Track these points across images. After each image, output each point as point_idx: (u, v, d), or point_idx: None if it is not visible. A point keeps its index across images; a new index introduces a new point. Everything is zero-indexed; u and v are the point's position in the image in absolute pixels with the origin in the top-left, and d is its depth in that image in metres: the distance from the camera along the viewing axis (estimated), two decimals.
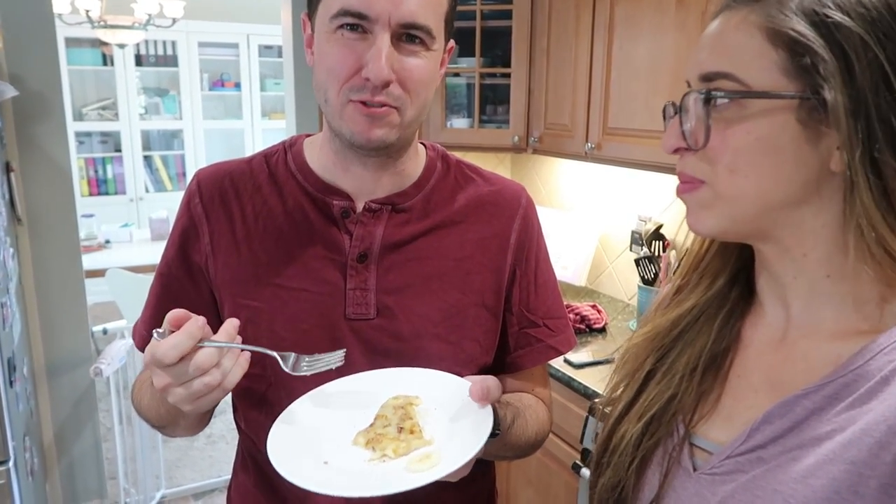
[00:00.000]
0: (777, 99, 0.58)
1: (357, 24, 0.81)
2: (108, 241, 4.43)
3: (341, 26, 0.82)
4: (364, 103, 0.83)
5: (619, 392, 0.78)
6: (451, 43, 0.92)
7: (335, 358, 0.83)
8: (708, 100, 0.60)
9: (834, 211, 0.61)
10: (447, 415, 0.80)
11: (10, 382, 2.08)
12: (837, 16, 0.56)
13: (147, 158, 5.75)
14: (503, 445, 0.88)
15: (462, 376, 0.85)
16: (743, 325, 0.73)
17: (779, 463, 0.61)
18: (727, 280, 0.74)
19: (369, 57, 0.81)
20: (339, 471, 0.73)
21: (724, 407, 0.70)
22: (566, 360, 1.96)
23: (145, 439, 2.82)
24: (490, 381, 0.78)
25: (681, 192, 0.66)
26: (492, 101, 2.75)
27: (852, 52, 0.56)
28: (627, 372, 0.78)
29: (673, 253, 2.23)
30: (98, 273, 3.69)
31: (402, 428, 0.77)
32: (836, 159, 0.58)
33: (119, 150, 5.58)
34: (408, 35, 0.82)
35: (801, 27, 0.57)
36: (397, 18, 0.80)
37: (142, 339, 0.98)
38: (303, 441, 0.77)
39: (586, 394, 1.83)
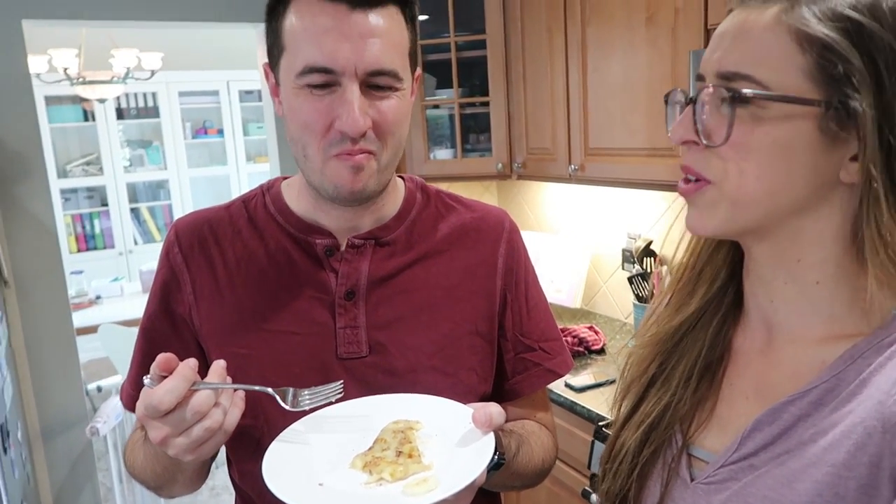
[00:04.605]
0: (800, 105, 0.57)
1: (324, 81, 0.80)
2: (98, 297, 4.40)
3: (308, 83, 0.81)
4: (347, 153, 0.82)
5: (623, 398, 0.79)
6: (418, 71, 0.91)
7: (334, 390, 0.81)
8: (734, 99, 0.58)
9: (836, 219, 0.61)
10: (448, 441, 0.78)
11: (5, 449, 2.04)
12: (869, 24, 0.55)
13: (134, 210, 5.73)
14: (510, 475, 0.86)
15: None
16: (734, 334, 0.73)
17: (768, 469, 0.62)
18: (721, 284, 0.73)
19: (342, 110, 0.80)
20: (334, 493, 0.72)
21: (718, 416, 0.71)
22: (567, 385, 1.94)
23: (146, 497, 2.76)
24: (493, 407, 0.77)
25: (685, 192, 0.65)
26: (473, 131, 2.76)
27: (882, 62, 0.55)
28: (633, 377, 0.78)
29: (664, 268, 2.22)
30: (90, 329, 3.66)
31: (400, 452, 0.75)
32: (850, 169, 0.58)
33: (105, 205, 5.56)
34: (376, 81, 0.81)
35: (834, 34, 0.55)
36: (363, 68, 0.79)
37: (130, 399, 0.95)
38: (298, 462, 0.76)
39: (590, 417, 1.80)
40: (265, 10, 0.86)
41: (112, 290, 4.48)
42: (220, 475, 3.49)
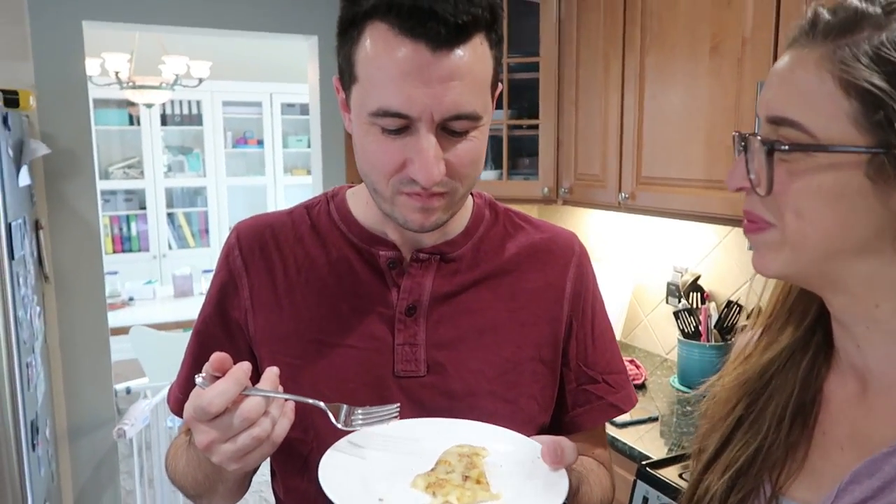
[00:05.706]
0: (844, 153, 0.55)
1: (398, 126, 0.74)
2: (131, 299, 4.44)
3: (381, 125, 0.75)
4: (417, 194, 0.77)
5: (705, 438, 0.74)
6: (499, 87, 0.85)
7: (389, 412, 0.77)
8: (771, 150, 0.58)
9: None
10: (515, 473, 0.74)
11: (33, 446, 2.03)
12: None
13: (170, 215, 5.80)
14: None
15: None
16: (826, 377, 0.69)
17: None
18: (810, 323, 0.70)
19: (415, 157, 0.74)
20: None
21: (810, 465, 0.67)
22: None
23: (167, 502, 2.74)
24: (564, 442, 0.72)
25: (748, 232, 0.64)
26: (519, 154, 2.73)
27: None
28: (717, 416, 0.73)
29: (713, 305, 2.16)
30: (122, 331, 3.67)
31: (467, 477, 0.72)
32: None
33: (143, 208, 5.64)
34: (453, 125, 0.75)
35: (877, 80, 0.53)
36: (441, 114, 0.73)
37: (177, 403, 0.93)
38: (354, 474, 0.73)
39: (631, 455, 1.74)
40: (336, 27, 0.80)
41: (145, 292, 4.51)
42: None
